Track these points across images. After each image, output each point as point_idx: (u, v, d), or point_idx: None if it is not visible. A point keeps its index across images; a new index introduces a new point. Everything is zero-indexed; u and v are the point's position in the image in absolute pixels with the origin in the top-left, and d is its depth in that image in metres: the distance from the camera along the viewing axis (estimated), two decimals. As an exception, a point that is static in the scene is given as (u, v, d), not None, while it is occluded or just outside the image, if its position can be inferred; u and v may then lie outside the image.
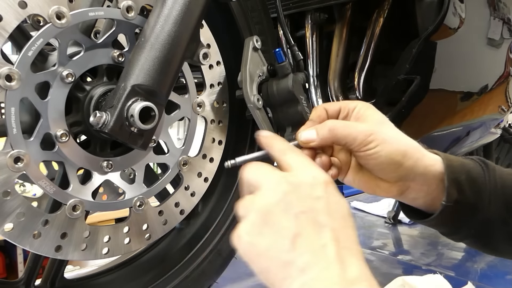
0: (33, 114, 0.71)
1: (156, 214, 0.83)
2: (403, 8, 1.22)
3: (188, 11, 0.71)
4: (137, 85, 0.68)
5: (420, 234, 2.18)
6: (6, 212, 0.66)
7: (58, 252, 0.72)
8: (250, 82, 0.84)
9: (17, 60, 0.65)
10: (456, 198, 0.66)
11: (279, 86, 0.84)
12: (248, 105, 0.83)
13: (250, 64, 0.84)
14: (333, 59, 1.32)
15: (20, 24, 0.65)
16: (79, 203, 0.73)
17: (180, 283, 0.96)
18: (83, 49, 0.71)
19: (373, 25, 1.26)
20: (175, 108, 0.84)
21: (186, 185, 0.87)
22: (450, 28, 1.17)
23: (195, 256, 0.99)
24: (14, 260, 2.89)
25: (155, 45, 0.69)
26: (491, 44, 1.34)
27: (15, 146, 0.65)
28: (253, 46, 0.86)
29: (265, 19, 1.01)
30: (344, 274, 0.46)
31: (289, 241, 0.48)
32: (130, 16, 0.74)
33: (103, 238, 0.77)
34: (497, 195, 0.68)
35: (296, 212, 0.50)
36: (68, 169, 0.73)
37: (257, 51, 0.87)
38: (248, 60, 0.84)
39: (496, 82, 1.41)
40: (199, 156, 0.89)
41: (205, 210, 1.05)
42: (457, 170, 0.67)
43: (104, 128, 0.66)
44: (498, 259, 1.85)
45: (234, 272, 1.58)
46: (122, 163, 0.78)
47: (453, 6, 1.14)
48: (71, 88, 0.70)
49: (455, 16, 1.17)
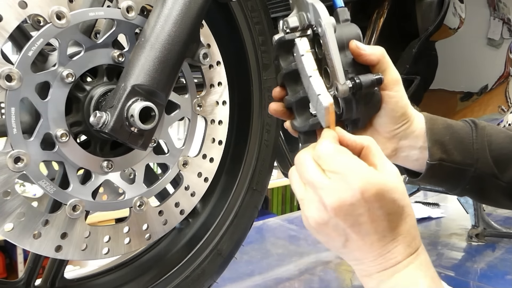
0: (33, 114, 0.71)
1: (156, 214, 0.83)
2: (403, 8, 1.22)
3: (188, 11, 0.71)
4: (137, 85, 0.68)
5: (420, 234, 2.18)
6: (6, 212, 0.66)
7: (58, 252, 0.72)
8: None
9: (17, 60, 0.65)
10: (440, 157, 0.73)
11: (345, 28, 0.68)
12: (324, 22, 0.64)
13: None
14: (333, 59, 1.32)
15: (20, 24, 0.65)
16: (79, 203, 0.73)
17: (180, 283, 0.96)
18: (83, 49, 0.71)
19: (373, 25, 1.26)
20: (175, 108, 0.84)
21: (186, 185, 0.87)
22: (450, 28, 1.17)
23: (195, 256, 0.99)
24: (14, 260, 2.89)
25: (155, 45, 0.69)
26: (491, 44, 1.34)
27: (15, 146, 0.65)
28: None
29: (265, 19, 1.01)
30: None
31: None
32: (130, 16, 0.74)
33: (103, 238, 0.77)
34: (484, 151, 0.75)
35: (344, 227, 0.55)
36: (68, 169, 0.73)
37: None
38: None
39: (496, 82, 1.41)
40: (199, 156, 0.89)
41: (205, 210, 1.05)
42: (440, 132, 0.74)
43: (104, 128, 0.66)
44: (498, 259, 1.85)
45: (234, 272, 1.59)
46: (122, 163, 0.78)
47: (453, 6, 1.14)
48: (71, 88, 0.70)
49: (455, 16, 1.17)
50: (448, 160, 0.74)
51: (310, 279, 1.62)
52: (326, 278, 1.64)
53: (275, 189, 4.15)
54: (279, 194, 4.23)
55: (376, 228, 0.54)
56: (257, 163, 1.07)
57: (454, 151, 0.74)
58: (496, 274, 1.66)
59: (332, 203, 0.53)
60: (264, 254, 1.87)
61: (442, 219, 2.40)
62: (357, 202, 0.53)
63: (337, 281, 1.64)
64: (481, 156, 0.75)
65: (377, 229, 0.55)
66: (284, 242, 2.08)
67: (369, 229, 0.54)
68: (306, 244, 1.99)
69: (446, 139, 0.74)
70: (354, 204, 0.53)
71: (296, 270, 1.69)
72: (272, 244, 2.06)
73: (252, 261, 1.77)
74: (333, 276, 1.68)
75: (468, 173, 0.75)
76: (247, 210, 1.06)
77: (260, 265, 1.74)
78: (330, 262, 1.77)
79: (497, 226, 2.04)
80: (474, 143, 0.75)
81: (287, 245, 2.03)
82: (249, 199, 1.07)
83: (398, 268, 0.56)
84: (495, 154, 0.75)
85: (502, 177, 0.75)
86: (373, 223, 0.54)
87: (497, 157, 0.75)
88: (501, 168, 0.75)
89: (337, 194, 0.53)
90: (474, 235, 2.02)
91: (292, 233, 2.19)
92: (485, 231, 2.02)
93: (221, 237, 1.02)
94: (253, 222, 1.10)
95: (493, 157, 0.75)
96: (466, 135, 0.76)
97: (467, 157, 0.75)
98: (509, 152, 0.76)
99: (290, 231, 2.21)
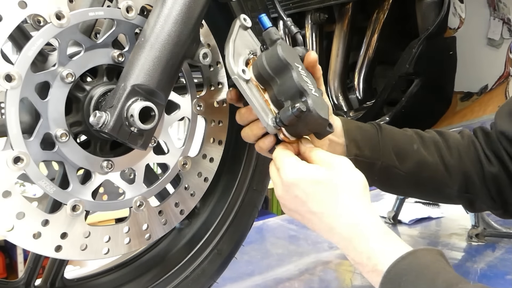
0: (33, 114, 0.71)
1: (156, 214, 0.83)
2: (403, 8, 1.22)
3: (188, 11, 0.71)
4: (137, 85, 0.68)
5: (420, 234, 2.18)
6: (6, 212, 0.66)
7: (58, 252, 0.72)
8: (237, 56, 0.76)
9: (17, 60, 0.65)
10: (356, 153, 0.90)
11: (267, 55, 0.74)
12: (232, 77, 0.74)
13: (238, 40, 0.77)
14: (333, 59, 1.32)
15: (20, 24, 0.65)
16: (79, 203, 0.73)
17: (180, 283, 0.96)
18: (83, 49, 0.71)
19: (373, 25, 1.26)
20: (175, 108, 0.84)
21: (186, 185, 0.87)
22: (450, 28, 1.17)
23: (195, 256, 0.99)
24: (14, 260, 2.89)
25: (155, 45, 0.69)
26: (491, 44, 1.34)
27: (15, 146, 0.65)
28: (240, 24, 0.78)
29: (265, 19, 1.01)
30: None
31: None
32: (130, 16, 0.74)
33: (103, 238, 0.77)
34: (387, 147, 0.92)
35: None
36: (68, 169, 0.73)
37: (247, 30, 0.80)
38: (234, 36, 0.77)
39: (496, 82, 1.41)
40: (199, 156, 0.89)
41: (205, 210, 1.05)
42: (354, 132, 0.91)
43: (104, 128, 0.66)
44: (498, 259, 1.85)
45: (234, 272, 1.59)
46: (122, 163, 0.78)
47: (453, 6, 1.14)
48: (71, 88, 0.70)
49: (455, 16, 1.17)
50: (361, 155, 0.90)
51: (310, 279, 1.62)
52: (326, 278, 1.65)
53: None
54: (279, 194, 4.22)
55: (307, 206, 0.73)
56: (257, 163, 1.08)
57: (365, 148, 0.91)
58: (496, 274, 1.66)
59: (278, 191, 0.76)
60: (264, 254, 1.87)
61: (442, 219, 2.40)
62: (286, 188, 0.74)
63: (337, 281, 1.64)
64: (385, 151, 0.92)
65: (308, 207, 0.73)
66: (284, 242, 2.08)
67: (307, 207, 0.73)
68: (306, 244, 1.99)
69: (359, 138, 0.91)
70: (286, 190, 0.74)
71: (296, 270, 1.69)
72: (272, 244, 2.06)
73: (252, 261, 1.77)
74: (333, 276, 1.68)
75: (376, 166, 0.91)
76: (247, 210, 1.07)
77: (260, 265, 1.74)
78: (330, 262, 1.77)
79: (497, 226, 2.04)
80: (380, 141, 0.92)
81: (287, 245, 2.03)
82: (249, 199, 1.07)
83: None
84: (396, 149, 0.93)
85: (402, 168, 0.93)
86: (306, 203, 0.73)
87: (397, 152, 0.93)
88: (400, 159, 0.92)
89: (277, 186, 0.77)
90: (474, 235, 2.02)
91: (292, 233, 2.19)
92: (485, 231, 2.02)
93: (221, 237, 1.02)
94: (253, 222, 1.10)
95: (394, 152, 0.92)
96: (374, 135, 0.93)
97: (375, 153, 0.91)
98: (406, 147, 0.94)
99: (290, 231, 2.21)
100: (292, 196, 0.74)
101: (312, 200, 0.72)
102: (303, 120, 0.73)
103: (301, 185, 0.72)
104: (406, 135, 0.96)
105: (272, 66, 0.74)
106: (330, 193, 0.71)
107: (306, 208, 0.73)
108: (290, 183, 0.73)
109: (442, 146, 0.96)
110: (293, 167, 0.73)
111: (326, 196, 0.71)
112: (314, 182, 0.72)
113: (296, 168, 0.73)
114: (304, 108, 0.71)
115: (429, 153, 0.94)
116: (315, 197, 0.72)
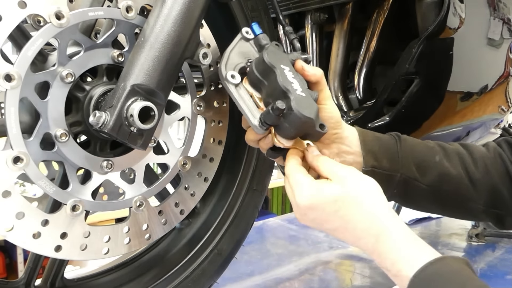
0: (33, 114, 0.71)
1: (156, 214, 0.83)
2: (403, 8, 1.22)
3: (188, 11, 0.71)
4: (137, 85, 0.68)
5: (420, 234, 2.18)
6: (6, 212, 0.66)
7: (58, 252, 0.72)
8: (231, 63, 0.78)
9: (17, 60, 0.65)
10: (372, 164, 0.86)
11: (256, 61, 0.77)
12: (222, 82, 0.77)
13: (236, 49, 0.80)
14: (333, 59, 1.32)
15: (20, 24, 0.65)
16: (79, 203, 0.73)
17: (180, 283, 0.96)
18: (83, 49, 0.71)
19: (373, 25, 1.26)
20: (175, 108, 0.84)
21: (186, 185, 0.87)
22: (450, 28, 1.17)
23: (195, 256, 0.99)
24: (14, 260, 2.89)
25: (155, 45, 0.69)
26: (491, 44, 1.34)
27: (14, 146, 0.65)
28: (241, 36, 0.81)
29: (265, 19, 1.01)
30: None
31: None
32: (130, 16, 0.74)
33: (103, 238, 0.77)
34: (407, 159, 0.88)
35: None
36: (68, 169, 0.73)
37: (248, 41, 0.82)
38: (232, 46, 0.80)
39: (496, 82, 1.41)
40: (199, 156, 0.89)
41: (205, 210, 1.05)
42: (371, 143, 0.88)
43: (104, 128, 0.66)
44: (498, 259, 1.85)
45: (234, 272, 1.59)
46: (122, 163, 0.78)
47: (453, 6, 1.14)
48: (71, 88, 0.70)
49: (455, 16, 1.17)
50: (379, 167, 0.86)
51: (310, 279, 1.62)
52: (326, 278, 1.65)
53: (275, 189, 4.16)
54: (279, 194, 4.24)
55: (333, 226, 0.73)
56: (257, 163, 1.07)
57: (383, 160, 0.87)
58: (496, 274, 1.66)
59: (296, 214, 0.76)
60: (264, 254, 1.87)
61: (442, 219, 2.40)
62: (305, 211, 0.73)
63: (337, 281, 1.64)
64: (405, 163, 0.88)
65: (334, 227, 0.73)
66: (284, 242, 2.08)
67: (328, 227, 0.74)
68: (306, 244, 1.99)
69: (376, 149, 0.87)
70: (304, 214, 0.74)
71: (296, 270, 1.69)
72: (272, 244, 2.07)
73: (252, 261, 1.77)
74: (333, 276, 1.68)
75: (395, 178, 0.87)
76: (247, 210, 1.06)
77: (260, 265, 1.74)
78: (330, 262, 1.77)
79: (497, 226, 2.04)
80: (399, 151, 0.88)
81: (287, 245, 2.03)
82: (249, 199, 1.07)
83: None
84: (416, 161, 0.88)
85: (423, 180, 0.88)
86: (326, 224, 0.73)
87: (418, 163, 0.88)
88: (421, 172, 0.88)
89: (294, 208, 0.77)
90: (474, 235, 2.02)
91: (292, 233, 2.19)
92: (485, 231, 2.02)
93: (221, 237, 1.02)
94: (253, 222, 1.10)
95: (414, 163, 0.88)
96: (392, 146, 0.89)
97: (394, 164, 0.87)
98: (427, 159, 0.89)
99: (290, 231, 2.21)
100: (311, 219, 0.74)
101: (334, 217, 0.71)
102: (288, 120, 0.73)
103: (319, 208, 0.72)
104: (427, 146, 0.92)
105: (259, 70, 0.76)
106: (351, 206, 0.71)
107: (329, 226, 0.73)
108: (307, 208, 0.72)
109: (467, 158, 0.92)
110: (306, 191, 0.72)
111: (348, 210, 0.71)
112: (332, 201, 0.71)
113: (309, 192, 0.72)
114: (282, 106, 0.71)
115: (452, 166, 0.90)
116: (337, 214, 0.71)
